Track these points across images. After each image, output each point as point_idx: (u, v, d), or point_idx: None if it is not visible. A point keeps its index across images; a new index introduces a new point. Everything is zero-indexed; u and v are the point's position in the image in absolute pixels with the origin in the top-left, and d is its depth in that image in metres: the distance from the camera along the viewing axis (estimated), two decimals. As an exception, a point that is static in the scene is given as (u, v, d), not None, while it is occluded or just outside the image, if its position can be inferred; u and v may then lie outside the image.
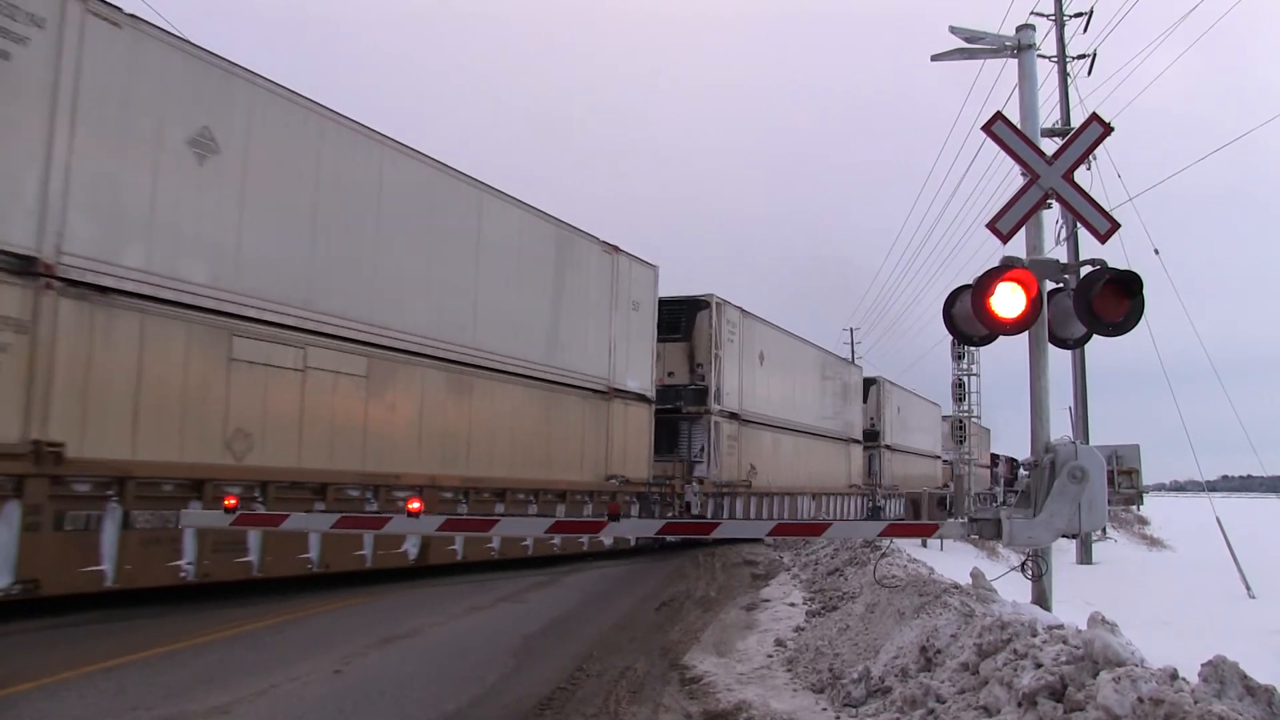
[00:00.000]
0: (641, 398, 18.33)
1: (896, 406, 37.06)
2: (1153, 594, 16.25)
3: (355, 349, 11.72)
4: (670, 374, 20.26)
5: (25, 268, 8.23)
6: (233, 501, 7.34)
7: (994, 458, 49.94)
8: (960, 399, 29.93)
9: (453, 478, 13.22)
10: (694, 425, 20.54)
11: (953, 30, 8.16)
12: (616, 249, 17.55)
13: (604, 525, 7.20)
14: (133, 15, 9.29)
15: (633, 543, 17.12)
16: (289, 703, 5.69)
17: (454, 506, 13.12)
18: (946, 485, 36.41)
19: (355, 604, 10.08)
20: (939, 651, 5.81)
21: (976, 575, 7.28)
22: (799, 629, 8.78)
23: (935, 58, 8.61)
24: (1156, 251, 20.56)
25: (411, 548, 12.36)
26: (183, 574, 9.41)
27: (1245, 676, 4.16)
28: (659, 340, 19.19)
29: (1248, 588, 16.57)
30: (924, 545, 18.52)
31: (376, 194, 12.17)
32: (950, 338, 18.72)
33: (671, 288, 19.91)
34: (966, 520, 7.09)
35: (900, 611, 7.00)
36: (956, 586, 7.28)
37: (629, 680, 6.52)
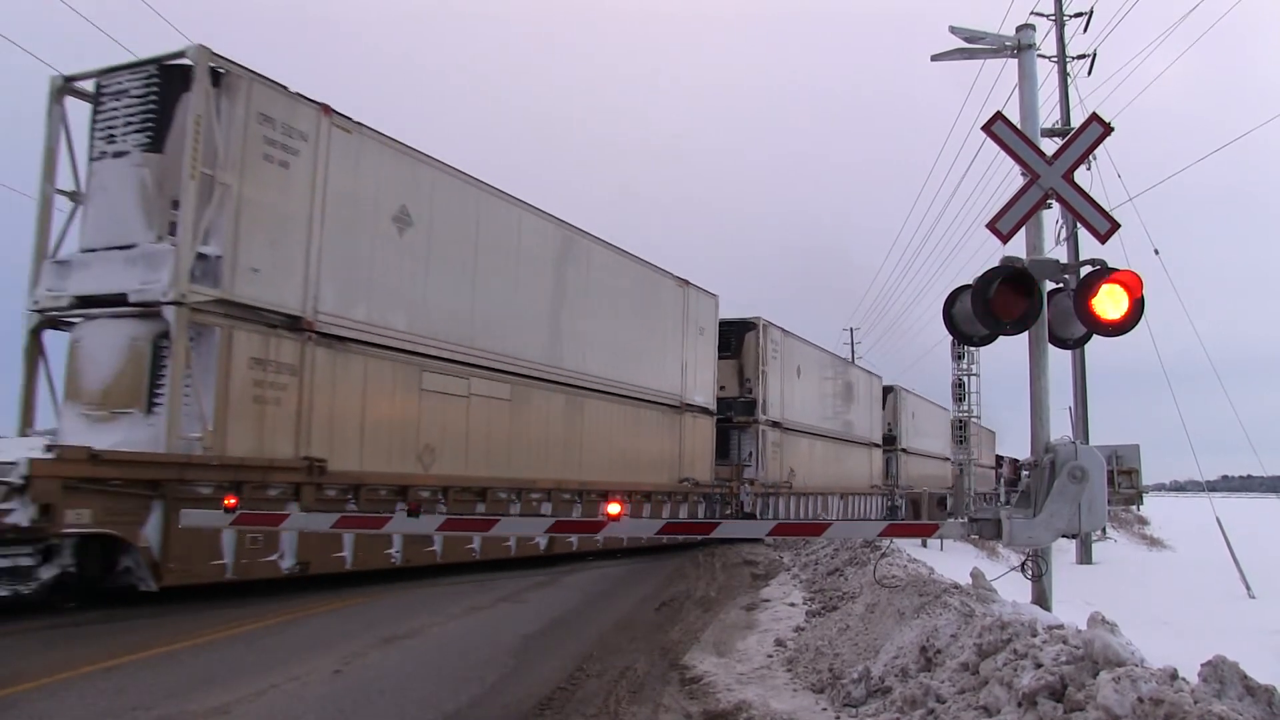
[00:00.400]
0: (705, 410, 21.09)
1: (911, 412, 39.13)
2: (1153, 594, 16.24)
3: (502, 378, 14.50)
4: (722, 388, 22.53)
5: (295, 325, 10.99)
6: (233, 501, 7.42)
7: (998, 459, 50.23)
8: (960, 399, 29.99)
9: (571, 482, 15.92)
10: (743, 433, 23.22)
11: (953, 30, 8.16)
12: (686, 282, 20.28)
13: (604, 525, 7.20)
14: (358, 122, 11.93)
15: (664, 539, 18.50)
16: (289, 703, 5.69)
17: (571, 506, 15.75)
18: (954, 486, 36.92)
19: (355, 604, 10.08)
20: (939, 651, 5.81)
21: (976, 575, 7.28)
22: (799, 629, 8.78)
23: (935, 58, 8.61)
24: (1156, 251, 20.55)
25: (474, 547, 13.60)
26: (393, 559, 12.18)
27: (1245, 676, 4.16)
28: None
29: (1248, 588, 16.57)
30: (924, 545, 18.52)
31: (516, 249, 15.05)
32: (950, 338, 18.74)
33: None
34: (966, 520, 7.08)
35: (900, 611, 7.00)
36: (956, 586, 7.28)
37: (629, 680, 6.52)
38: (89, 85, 10.84)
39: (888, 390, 36.47)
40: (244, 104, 10.39)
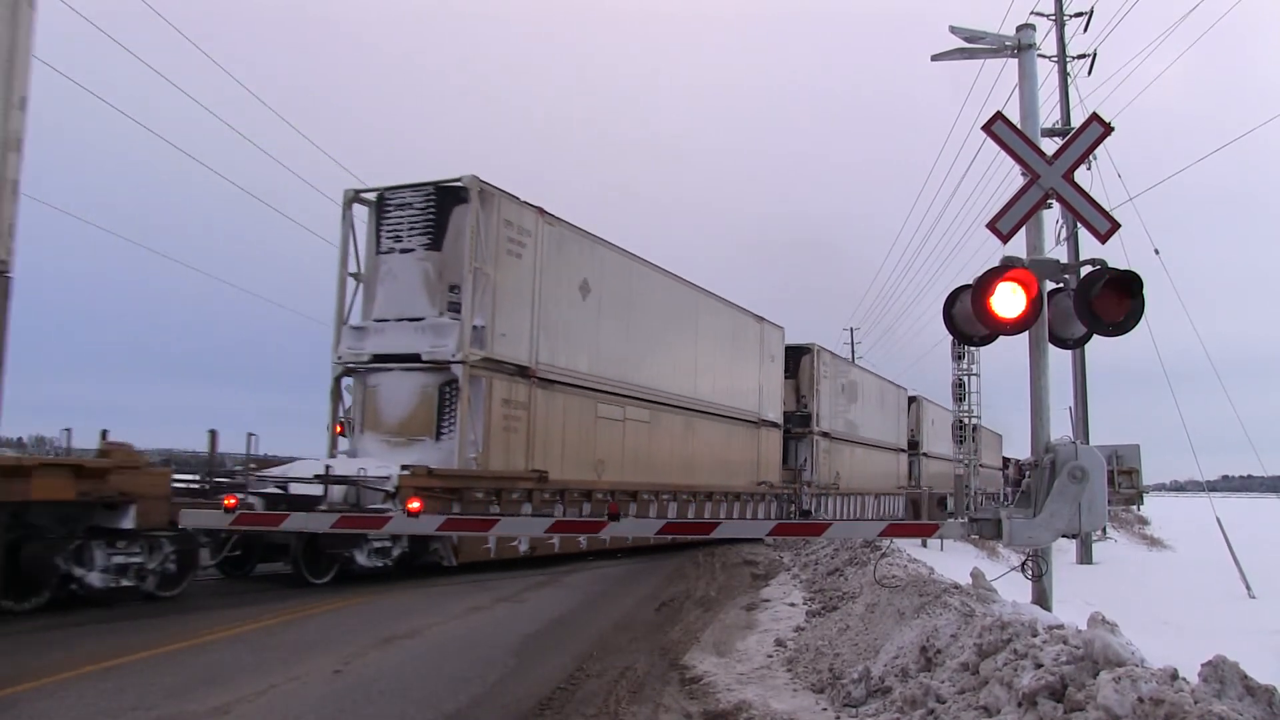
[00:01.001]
0: (775, 424, 25.42)
1: (931, 419, 41.74)
2: (1153, 594, 16.23)
3: (644, 405, 18.59)
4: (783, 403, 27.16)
5: (524, 373, 14.98)
6: (232, 501, 7.46)
7: (1005, 460, 50.73)
8: (960, 399, 30.02)
9: (689, 486, 19.91)
10: (800, 442, 27.49)
11: (953, 30, 8.16)
12: (762, 319, 24.61)
13: (604, 525, 7.20)
14: (559, 218, 15.82)
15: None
16: (289, 703, 5.68)
17: (688, 505, 19.62)
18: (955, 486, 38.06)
19: (355, 604, 10.08)
20: (939, 651, 5.81)
21: (976, 575, 7.28)
22: (799, 629, 8.77)
23: (935, 57, 8.61)
24: (1156, 251, 20.52)
25: (582, 541, 15.84)
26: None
27: (1245, 676, 4.16)
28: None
29: (1248, 588, 16.56)
30: (924, 545, 18.51)
31: (655, 304, 19.18)
32: (950, 338, 18.74)
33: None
34: (966, 520, 7.08)
35: (900, 611, 7.00)
36: (956, 586, 7.27)
37: (629, 680, 6.52)
38: (371, 197, 14.58)
39: (911, 400, 39.75)
40: (496, 214, 14.18)
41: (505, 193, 14.36)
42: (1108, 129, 6.88)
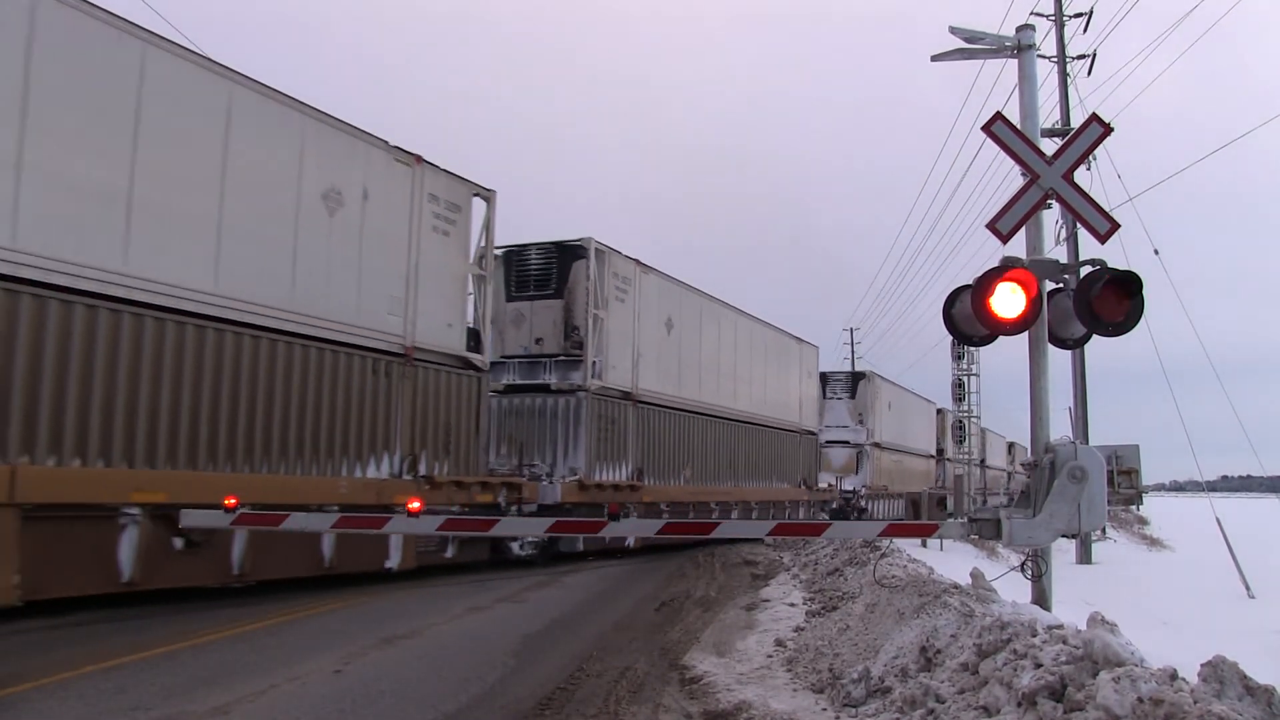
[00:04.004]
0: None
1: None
2: (1153, 594, 16.23)
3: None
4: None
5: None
6: (233, 501, 7.45)
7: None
8: (960, 399, 30.07)
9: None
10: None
11: (953, 31, 8.16)
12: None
13: (604, 525, 7.21)
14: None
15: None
16: (289, 703, 5.69)
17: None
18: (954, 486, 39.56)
19: (355, 604, 10.08)
20: (939, 651, 5.81)
21: (976, 575, 7.28)
22: (799, 629, 8.77)
23: (935, 58, 8.61)
24: (1156, 251, 20.55)
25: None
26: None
27: (1245, 676, 4.16)
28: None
29: (1247, 588, 16.57)
30: (924, 545, 18.52)
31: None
32: (950, 337, 18.76)
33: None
34: (966, 520, 7.09)
35: (900, 611, 7.01)
36: (956, 586, 7.28)
37: (629, 680, 6.52)
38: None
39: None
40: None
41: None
42: (1107, 129, 6.89)
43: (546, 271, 16.99)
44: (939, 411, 42.75)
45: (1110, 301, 6.31)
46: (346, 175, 11.38)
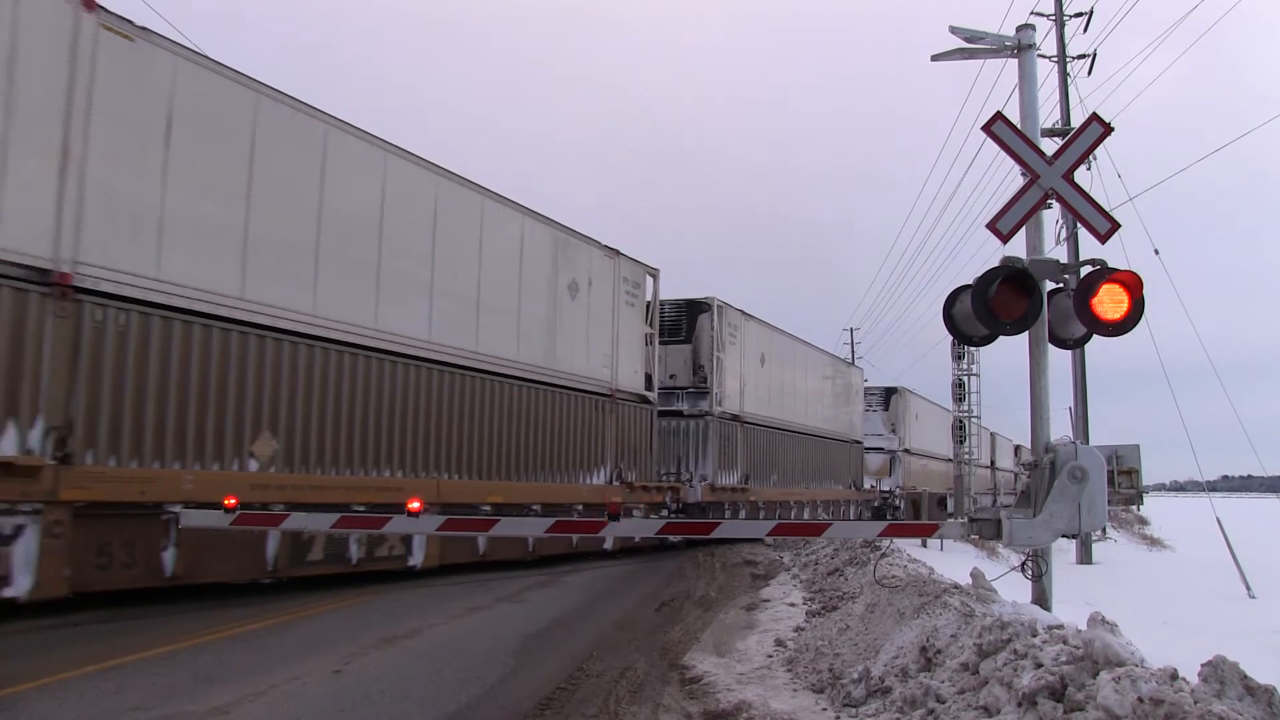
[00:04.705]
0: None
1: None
2: (1153, 594, 16.24)
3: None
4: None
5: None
6: (233, 501, 7.44)
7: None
8: (960, 399, 30.06)
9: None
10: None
11: (953, 30, 8.15)
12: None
13: (604, 525, 7.20)
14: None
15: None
16: (289, 703, 5.69)
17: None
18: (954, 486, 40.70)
19: (355, 604, 10.08)
20: (939, 651, 5.81)
21: (976, 575, 7.28)
22: (799, 629, 8.77)
23: (935, 58, 8.60)
24: (1156, 251, 20.53)
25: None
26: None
27: (1245, 676, 4.16)
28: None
29: (1248, 588, 16.56)
30: (924, 545, 18.52)
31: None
32: (950, 337, 18.76)
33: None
34: (966, 520, 7.08)
35: (900, 611, 7.01)
36: (956, 586, 7.28)
37: (629, 680, 6.52)
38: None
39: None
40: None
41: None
42: (1107, 129, 6.89)
43: (678, 322, 21.17)
44: (979, 429, 45.27)
45: (1109, 301, 6.31)
46: (579, 270, 16.26)
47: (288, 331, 10.58)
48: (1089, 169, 18.69)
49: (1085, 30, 23.44)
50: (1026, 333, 6.77)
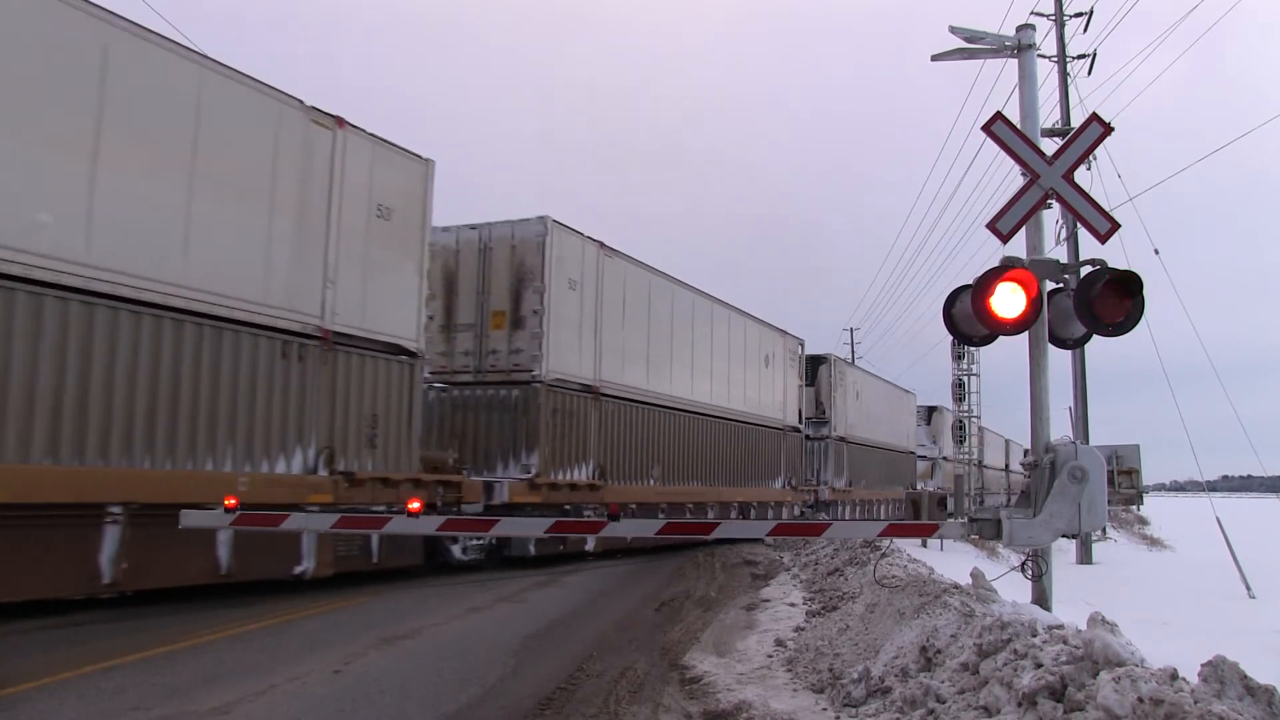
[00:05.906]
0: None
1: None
2: (1153, 594, 16.22)
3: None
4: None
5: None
6: (233, 501, 7.42)
7: None
8: (960, 399, 30.03)
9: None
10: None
11: (953, 30, 8.15)
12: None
13: (604, 525, 7.20)
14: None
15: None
16: (289, 703, 5.69)
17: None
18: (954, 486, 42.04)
19: (355, 604, 10.08)
20: (939, 651, 5.81)
21: (976, 575, 7.29)
22: (799, 629, 8.77)
23: (935, 58, 8.60)
24: (1156, 251, 20.53)
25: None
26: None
27: (1245, 676, 4.16)
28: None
29: (1248, 588, 16.55)
30: (924, 545, 18.51)
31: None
32: (950, 337, 18.77)
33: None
34: (966, 520, 7.08)
35: (900, 611, 7.01)
36: (956, 586, 7.28)
37: (629, 680, 6.52)
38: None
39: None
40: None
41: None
42: (1107, 129, 6.89)
43: (818, 371, 29.31)
44: (979, 429, 46.43)
45: (1110, 301, 6.31)
46: (767, 346, 24.64)
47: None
48: (1089, 169, 18.69)
49: (1085, 30, 23.45)
50: (1026, 333, 6.76)
